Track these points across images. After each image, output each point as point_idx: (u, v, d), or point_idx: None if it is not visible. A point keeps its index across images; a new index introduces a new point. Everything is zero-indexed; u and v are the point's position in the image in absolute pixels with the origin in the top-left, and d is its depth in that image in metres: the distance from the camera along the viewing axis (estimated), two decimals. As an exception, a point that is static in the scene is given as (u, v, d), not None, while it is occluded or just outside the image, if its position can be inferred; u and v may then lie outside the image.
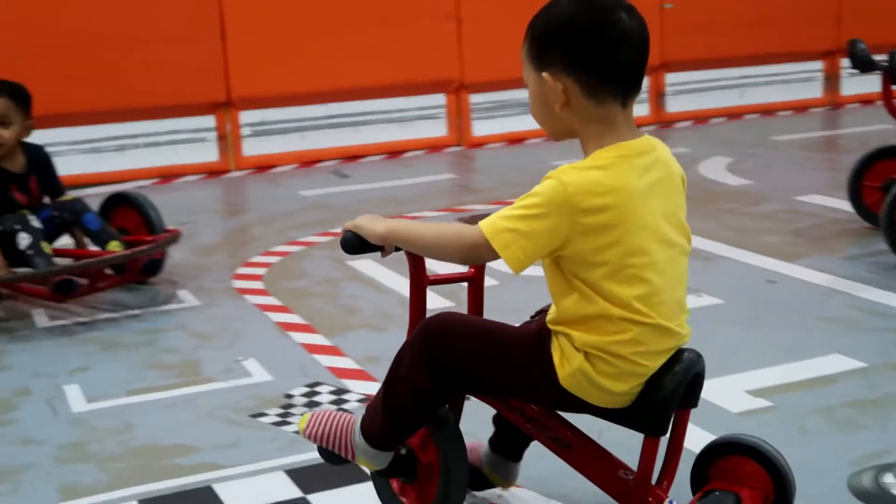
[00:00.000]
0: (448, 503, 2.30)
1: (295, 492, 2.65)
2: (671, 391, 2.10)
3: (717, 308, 3.90)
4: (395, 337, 2.70)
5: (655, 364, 2.10)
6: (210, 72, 6.67)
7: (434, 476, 2.34)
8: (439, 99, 7.44)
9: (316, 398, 3.22)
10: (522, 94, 7.56)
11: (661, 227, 2.08)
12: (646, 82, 8.02)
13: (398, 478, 2.40)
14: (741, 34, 8.15)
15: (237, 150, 6.93)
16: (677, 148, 7.14)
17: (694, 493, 2.32)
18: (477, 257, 2.09)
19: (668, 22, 7.87)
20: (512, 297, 4.10)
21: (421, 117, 7.41)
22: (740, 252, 4.60)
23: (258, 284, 4.44)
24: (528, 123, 7.63)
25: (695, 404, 2.23)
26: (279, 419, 3.09)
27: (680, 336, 2.14)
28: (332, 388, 3.29)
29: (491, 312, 3.64)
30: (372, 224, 2.19)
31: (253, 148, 6.96)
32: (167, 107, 6.65)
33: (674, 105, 8.14)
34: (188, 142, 6.82)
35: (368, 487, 2.57)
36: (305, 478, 2.72)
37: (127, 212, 4.52)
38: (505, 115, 7.63)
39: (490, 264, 2.28)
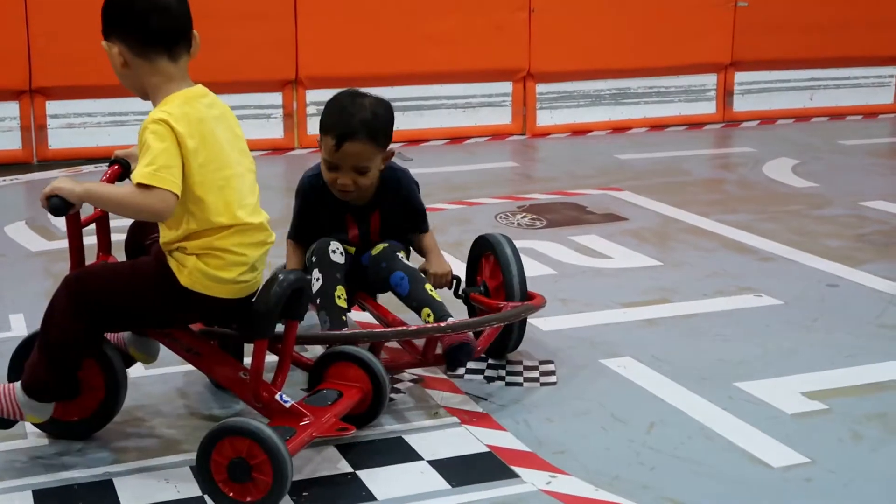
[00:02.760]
0: (117, 400, 2.78)
1: (346, 466, 2.67)
2: (273, 302, 2.54)
3: (776, 309, 3.87)
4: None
5: (254, 253, 2.61)
6: (280, 49, 6.72)
7: (94, 387, 2.76)
8: (505, 87, 7.43)
9: (370, 376, 3.24)
10: (588, 86, 7.60)
11: (231, 150, 2.61)
12: (713, 80, 8.02)
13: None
14: (813, 36, 8.04)
15: (302, 128, 6.97)
16: (742, 147, 7.08)
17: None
18: (154, 202, 2.46)
19: (741, 20, 7.79)
20: (570, 287, 4.10)
21: (486, 104, 7.41)
22: (802, 254, 4.56)
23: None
24: (593, 115, 7.69)
25: (298, 317, 2.69)
26: (332, 395, 3.12)
27: (267, 232, 2.67)
28: (386, 368, 3.30)
29: (551, 303, 3.65)
30: (70, 185, 2.53)
31: (318, 127, 6.98)
32: (236, 82, 6.70)
33: (741, 104, 8.06)
34: (254, 118, 6.87)
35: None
36: (356, 453, 2.75)
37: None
38: (570, 105, 7.60)
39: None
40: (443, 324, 3.03)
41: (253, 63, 6.67)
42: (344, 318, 3.14)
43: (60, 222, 4.94)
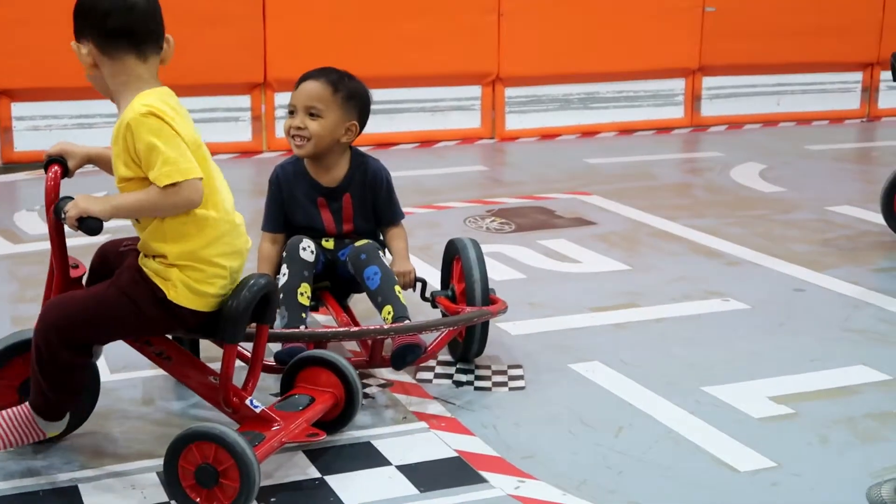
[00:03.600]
0: (92, 404, 2.83)
1: (313, 472, 2.66)
2: (243, 307, 2.55)
3: (743, 313, 3.89)
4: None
5: (233, 264, 2.60)
6: (248, 52, 6.69)
7: None
8: (475, 91, 7.43)
9: (338, 381, 3.23)
10: (558, 90, 7.61)
11: (203, 145, 2.60)
12: (681, 85, 8.06)
13: None
14: (781, 41, 8.10)
15: (271, 131, 6.95)
16: (710, 152, 7.12)
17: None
18: (185, 196, 2.48)
19: (709, 25, 7.83)
20: (538, 290, 4.11)
21: (455, 108, 7.41)
22: (769, 259, 4.58)
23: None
24: (562, 119, 7.71)
25: (268, 321, 2.69)
26: (301, 399, 3.11)
27: (245, 237, 2.67)
28: (355, 372, 3.29)
29: (520, 307, 3.65)
30: (96, 205, 2.51)
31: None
32: (203, 85, 6.67)
33: (709, 109, 8.10)
34: (223, 121, 6.84)
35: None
36: (324, 459, 2.74)
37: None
38: (539, 109, 7.61)
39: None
40: (386, 326, 3.06)
41: (221, 66, 6.63)
42: (304, 315, 3.16)
43: (28, 226, 4.93)
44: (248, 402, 2.63)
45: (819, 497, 2.60)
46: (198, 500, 2.44)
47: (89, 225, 2.49)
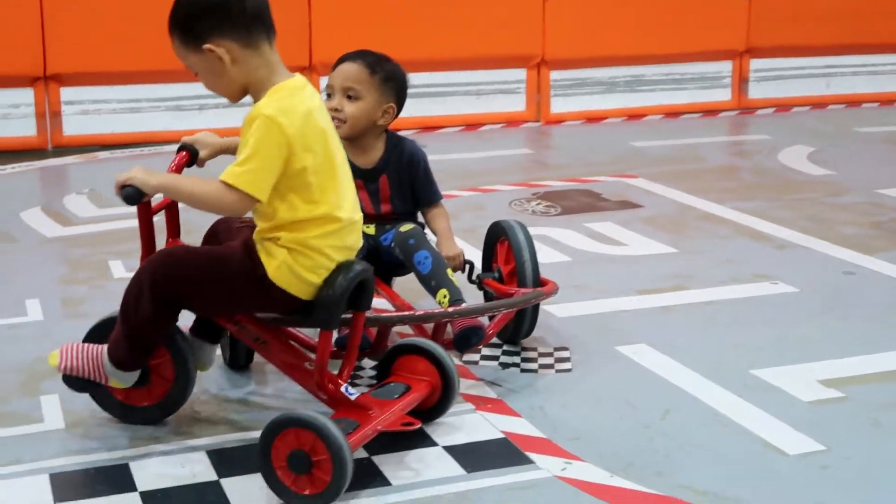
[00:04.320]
0: (184, 392, 2.79)
1: (360, 452, 2.68)
2: (339, 294, 2.51)
3: (791, 296, 3.86)
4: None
5: (342, 259, 2.56)
6: (294, 36, 6.71)
7: (163, 375, 2.76)
8: (520, 74, 7.41)
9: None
10: (603, 73, 7.57)
11: (333, 140, 2.57)
12: (729, 67, 7.99)
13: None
14: (830, 23, 8.00)
15: (316, 115, 6.98)
16: (758, 135, 7.05)
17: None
18: (234, 202, 2.44)
19: (757, 7, 7.75)
20: (585, 273, 4.10)
21: (500, 91, 7.39)
22: (818, 242, 4.54)
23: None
24: (607, 102, 7.67)
25: (364, 308, 2.66)
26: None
27: (357, 234, 2.63)
28: (401, 354, 3.30)
29: (566, 290, 3.64)
30: (146, 176, 2.49)
31: (332, 114, 6.99)
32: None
33: (757, 92, 8.03)
34: (269, 104, 6.87)
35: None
36: (371, 439, 2.75)
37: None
38: (585, 92, 7.58)
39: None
40: (450, 308, 3.06)
41: (267, 49, 6.66)
42: None
43: (78, 208, 4.98)
44: (343, 388, 2.60)
45: (869, 481, 2.57)
46: (287, 483, 2.40)
47: (127, 192, 2.50)
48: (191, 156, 2.80)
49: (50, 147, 6.43)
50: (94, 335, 2.76)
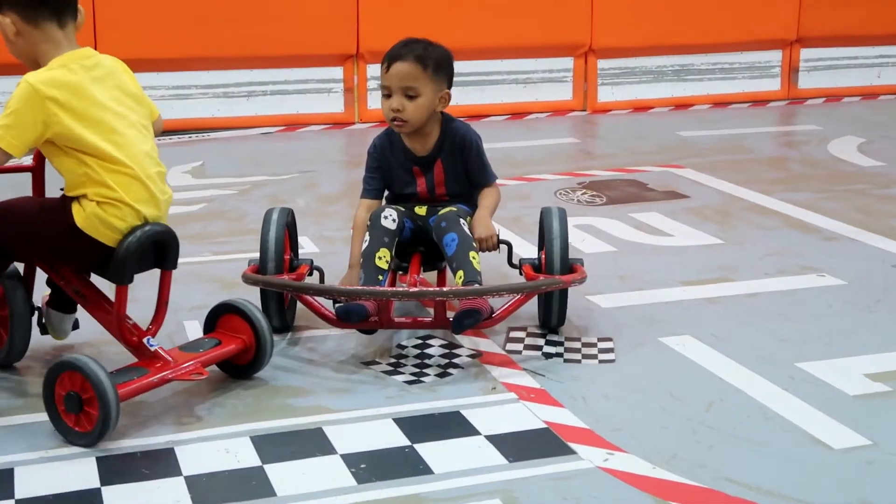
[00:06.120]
0: (13, 344, 3.04)
1: (403, 440, 2.69)
2: (131, 251, 2.78)
3: (839, 289, 3.82)
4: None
5: (151, 212, 2.83)
6: (341, 24, 6.73)
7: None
8: (567, 62, 7.38)
9: (427, 350, 3.26)
10: (651, 62, 7.52)
11: (112, 105, 2.82)
12: (778, 57, 7.91)
13: None
14: (882, 11, 7.90)
15: (363, 103, 6.99)
16: (807, 125, 6.98)
17: None
18: None
19: (808, -4, 7.68)
20: (630, 264, 4.09)
21: (547, 80, 7.37)
22: (867, 234, 4.49)
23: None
24: (655, 91, 7.62)
25: (168, 267, 2.94)
26: (390, 368, 3.13)
27: (162, 185, 2.89)
28: (444, 342, 3.32)
29: (610, 280, 3.62)
30: None
31: (378, 101, 7.00)
32: (297, 56, 6.73)
33: (807, 82, 7.94)
34: (315, 91, 6.89)
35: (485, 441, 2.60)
36: (413, 427, 2.76)
37: None
38: (632, 81, 7.54)
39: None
40: (445, 288, 3.22)
41: (314, 37, 6.68)
42: (380, 277, 3.26)
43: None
44: (145, 340, 2.87)
45: (915, 476, 2.55)
46: (69, 423, 2.66)
47: None
48: None
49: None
50: None
